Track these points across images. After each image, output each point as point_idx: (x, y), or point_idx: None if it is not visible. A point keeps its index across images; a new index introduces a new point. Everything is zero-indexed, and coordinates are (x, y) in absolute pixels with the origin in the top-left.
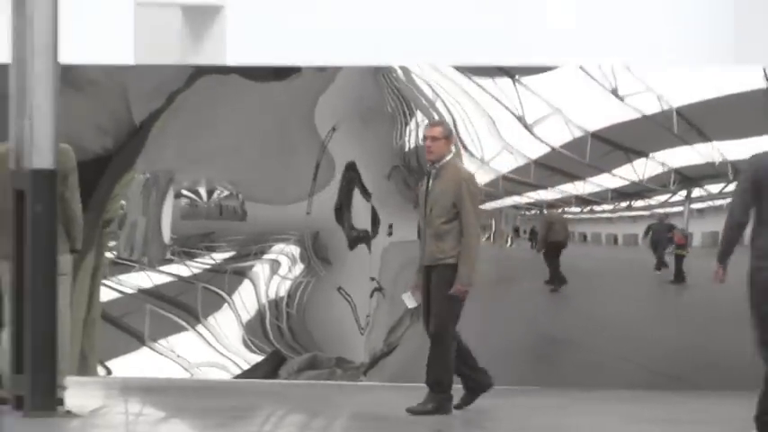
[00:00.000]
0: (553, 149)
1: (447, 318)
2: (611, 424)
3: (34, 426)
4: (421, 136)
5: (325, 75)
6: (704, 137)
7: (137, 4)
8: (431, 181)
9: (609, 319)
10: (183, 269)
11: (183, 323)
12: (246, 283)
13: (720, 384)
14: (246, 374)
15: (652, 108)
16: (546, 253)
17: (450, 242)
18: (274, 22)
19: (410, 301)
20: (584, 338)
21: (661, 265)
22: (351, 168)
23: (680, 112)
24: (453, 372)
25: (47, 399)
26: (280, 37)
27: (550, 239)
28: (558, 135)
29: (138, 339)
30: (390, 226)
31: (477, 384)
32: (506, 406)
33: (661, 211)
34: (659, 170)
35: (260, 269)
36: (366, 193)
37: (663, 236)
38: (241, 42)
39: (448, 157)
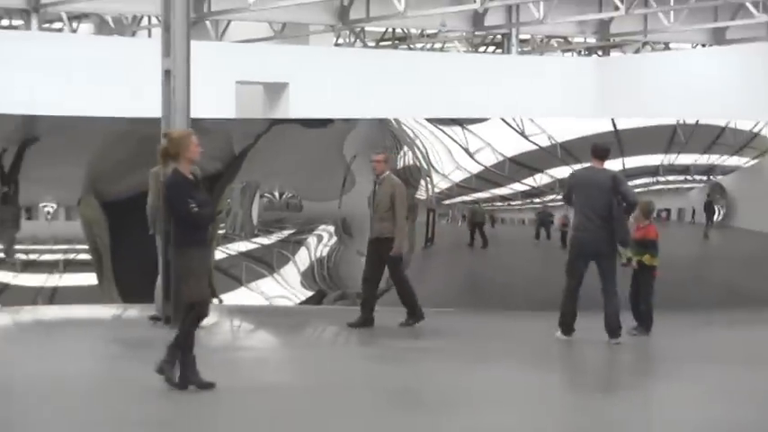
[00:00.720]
0: (486, 168)
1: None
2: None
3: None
4: (407, 160)
5: (349, 124)
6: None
7: (237, 82)
8: (377, 187)
9: (510, 262)
10: (265, 240)
11: (265, 272)
12: (303, 248)
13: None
14: (302, 303)
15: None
16: (471, 228)
17: (389, 224)
18: (319, 91)
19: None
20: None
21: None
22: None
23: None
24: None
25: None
26: (322, 99)
27: (475, 221)
28: (488, 159)
29: (237, 282)
30: None
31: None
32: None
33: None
34: (547, 180)
35: (311, 240)
36: None
37: (546, 219)
38: (299, 104)
39: (386, 173)
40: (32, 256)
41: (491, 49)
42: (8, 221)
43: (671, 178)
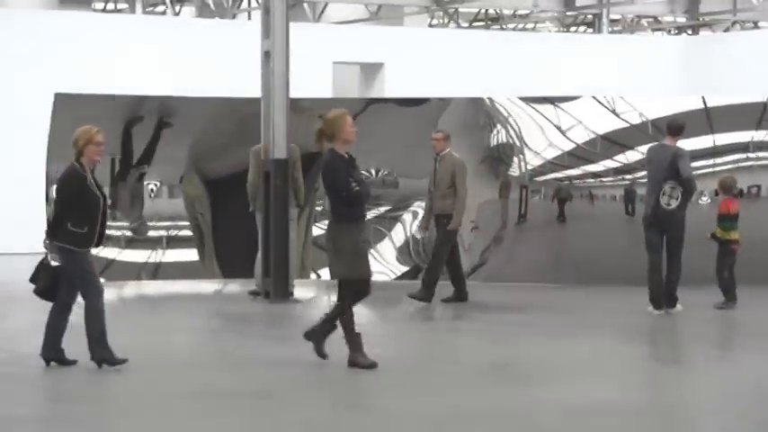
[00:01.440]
0: (577, 145)
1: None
2: None
3: (276, 307)
4: (500, 138)
5: (444, 102)
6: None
7: (334, 63)
8: (437, 164)
9: (602, 238)
10: None
11: None
12: (398, 224)
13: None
14: (398, 278)
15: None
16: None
17: (451, 201)
18: (414, 71)
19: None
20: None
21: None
22: None
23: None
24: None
25: (283, 291)
26: (417, 79)
27: (560, 197)
28: (579, 136)
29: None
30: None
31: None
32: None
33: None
34: (638, 157)
35: (405, 216)
36: None
37: (632, 195)
38: (395, 83)
39: (446, 151)
40: (137, 233)
41: (582, 28)
42: (139, 199)
43: (761, 155)
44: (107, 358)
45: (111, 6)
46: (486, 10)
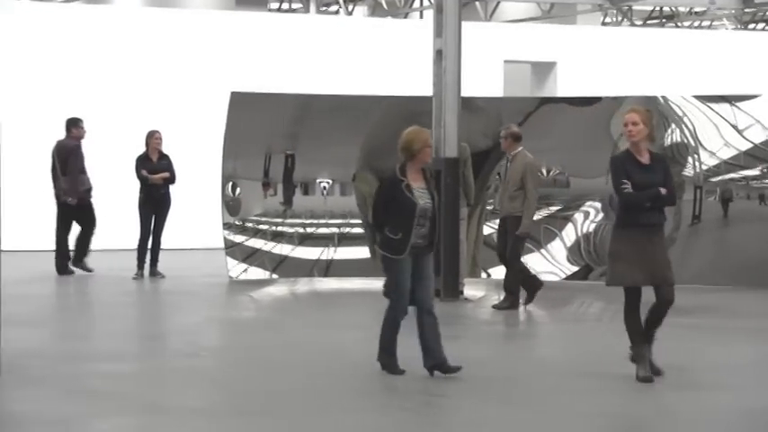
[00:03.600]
0: (755, 145)
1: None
2: None
3: (447, 305)
4: (674, 137)
5: (616, 101)
6: None
7: (505, 61)
8: (508, 163)
9: None
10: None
11: (532, 247)
12: (569, 224)
13: None
14: (568, 278)
15: None
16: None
17: (519, 202)
18: (587, 70)
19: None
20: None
21: None
22: None
23: None
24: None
25: (453, 290)
26: (589, 78)
27: (724, 197)
28: (757, 136)
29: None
30: None
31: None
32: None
33: None
34: None
35: (578, 216)
36: None
37: None
38: (567, 82)
39: (518, 149)
40: (309, 230)
41: (760, 26)
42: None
43: None
44: (384, 364)
45: (285, 6)
46: (661, 7)
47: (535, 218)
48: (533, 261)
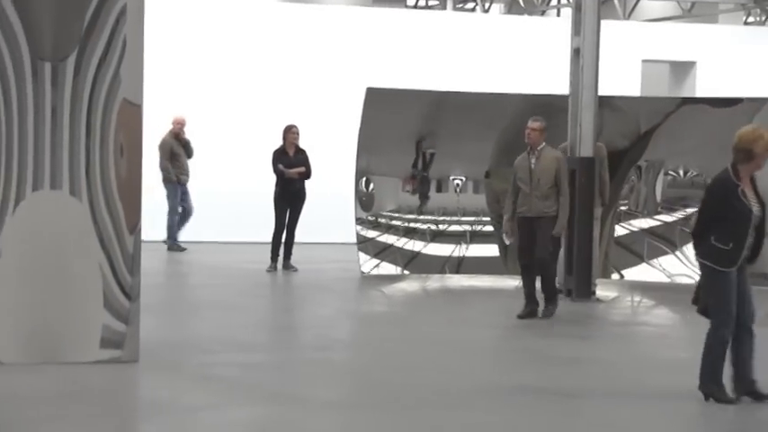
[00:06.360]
0: None
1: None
2: None
3: (578, 306)
4: None
5: (758, 102)
6: None
7: (643, 61)
8: (533, 160)
9: None
10: (667, 218)
11: (667, 249)
12: None
13: None
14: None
15: None
16: None
17: (553, 201)
18: (728, 70)
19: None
20: None
21: None
22: None
23: None
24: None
25: (585, 290)
26: (731, 78)
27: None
28: None
29: (639, 258)
30: None
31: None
32: None
33: None
34: None
35: None
36: None
37: None
38: (707, 83)
39: (543, 145)
40: (442, 227)
41: None
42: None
43: None
44: (711, 392)
45: (422, 3)
46: None
47: (670, 219)
48: (669, 263)
